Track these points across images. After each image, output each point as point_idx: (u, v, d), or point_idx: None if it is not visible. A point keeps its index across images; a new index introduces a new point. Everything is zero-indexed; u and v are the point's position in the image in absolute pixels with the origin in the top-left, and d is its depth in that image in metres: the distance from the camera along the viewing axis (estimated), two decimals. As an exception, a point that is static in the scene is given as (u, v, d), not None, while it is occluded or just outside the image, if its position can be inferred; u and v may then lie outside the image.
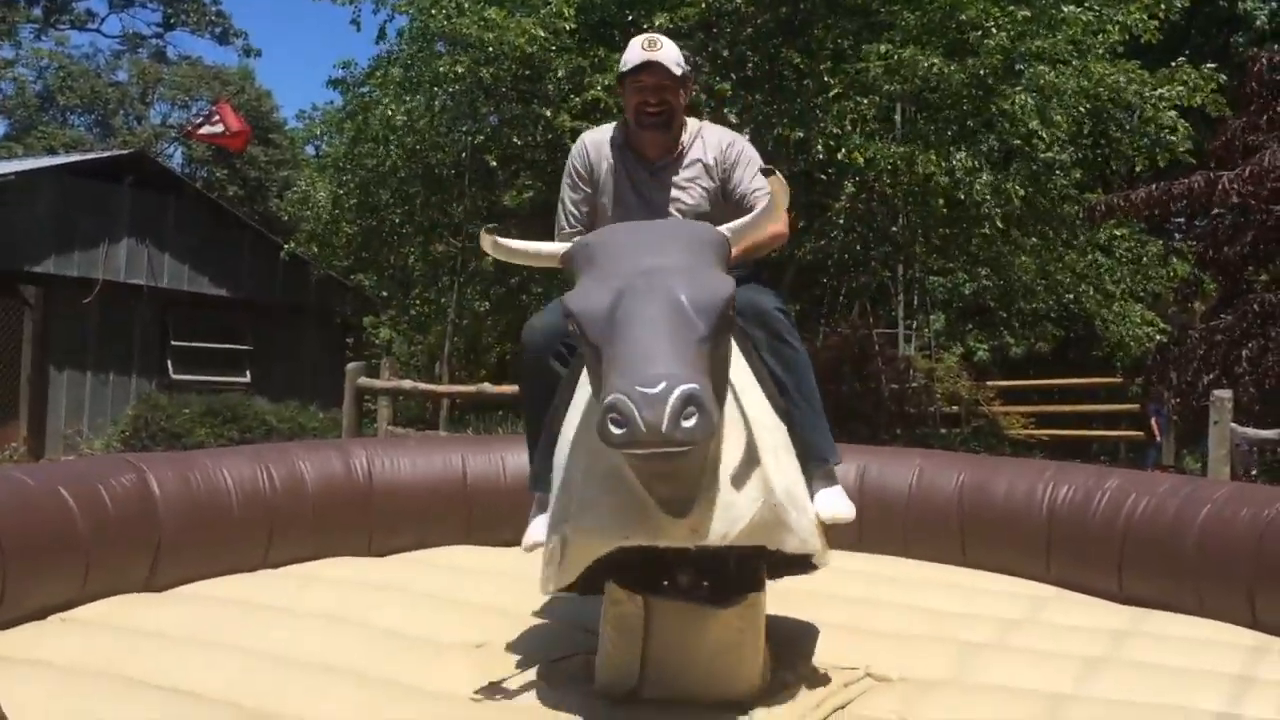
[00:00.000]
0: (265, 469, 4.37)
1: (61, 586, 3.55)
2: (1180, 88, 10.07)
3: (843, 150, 9.30)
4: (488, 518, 4.75)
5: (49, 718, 2.59)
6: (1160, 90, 9.99)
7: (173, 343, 14.56)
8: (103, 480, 3.79)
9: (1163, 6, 10.36)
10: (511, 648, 3.34)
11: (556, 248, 2.82)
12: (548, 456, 2.91)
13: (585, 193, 3.17)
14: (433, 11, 10.14)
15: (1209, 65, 10.47)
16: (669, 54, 3.05)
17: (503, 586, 3.99)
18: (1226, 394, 6.75)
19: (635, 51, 3.06)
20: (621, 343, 2.28)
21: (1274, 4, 17.31)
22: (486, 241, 2.82)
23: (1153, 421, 13.74)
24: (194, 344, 14.67)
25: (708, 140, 3.13)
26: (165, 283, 14.39)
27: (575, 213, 3.17)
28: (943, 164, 9.49)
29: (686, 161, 3.12)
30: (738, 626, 2.73)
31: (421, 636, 3.43)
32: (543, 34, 9.51)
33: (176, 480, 4.04)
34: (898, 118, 10.27)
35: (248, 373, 15.15)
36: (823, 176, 10.80)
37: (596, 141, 3.21)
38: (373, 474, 4.73)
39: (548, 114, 9.81)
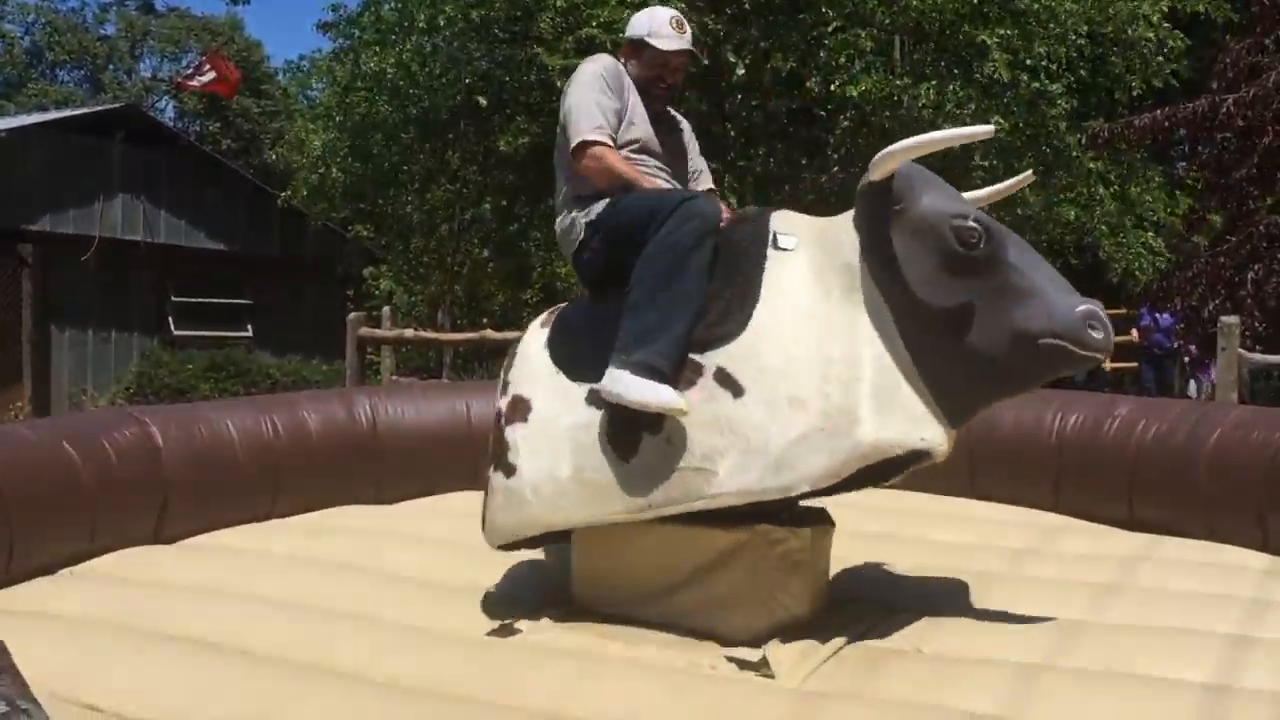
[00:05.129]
0: (269, 420, 4.35)
1: (69, 540, 3.54)
2: None
3: (836, 83, 9.16)
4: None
5: (59, 670, 2.59)
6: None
7: (173, 299, 14.49)
8: (105, 433, 3.77)
9: None
10: (519, 589, 3.34)
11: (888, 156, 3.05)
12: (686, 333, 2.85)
13: (616, 105, 3.14)
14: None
15: None
16: (691, 37, 3.25)
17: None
18: (1234, 319, 6.69)
19: (667, 29, 3.19)
20: (1039, 270, 2.78)
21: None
22: None
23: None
24: (195, 299, 14.61)
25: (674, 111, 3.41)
26: (163, 238, 14.28)
27: (611, 119, 3.11)
28: (933, 96, 9.34)
29: (680, 123, 3.40)
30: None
31: (432, 581, 3.42)
32: None
33: (180, 433, 4.02)
34: (896, 52, 10.09)
35: (249, 327, 15.11)
36: (821, 114, 10.64)
37: (620, 68, 3.22)
38: (377, 422, 4.71)
39: (540, 52, 9.63)
